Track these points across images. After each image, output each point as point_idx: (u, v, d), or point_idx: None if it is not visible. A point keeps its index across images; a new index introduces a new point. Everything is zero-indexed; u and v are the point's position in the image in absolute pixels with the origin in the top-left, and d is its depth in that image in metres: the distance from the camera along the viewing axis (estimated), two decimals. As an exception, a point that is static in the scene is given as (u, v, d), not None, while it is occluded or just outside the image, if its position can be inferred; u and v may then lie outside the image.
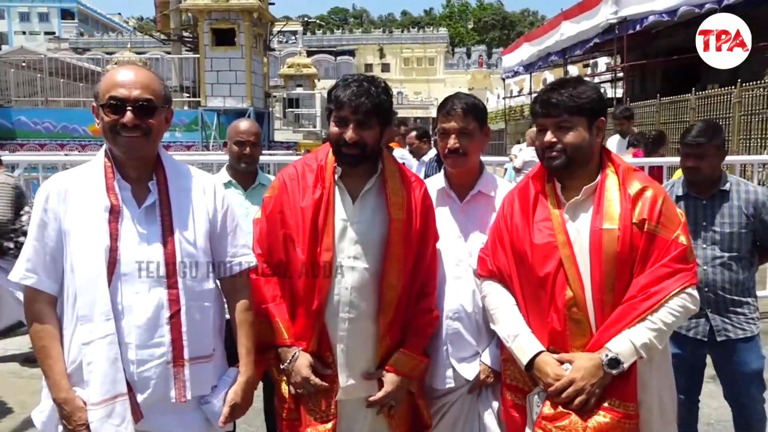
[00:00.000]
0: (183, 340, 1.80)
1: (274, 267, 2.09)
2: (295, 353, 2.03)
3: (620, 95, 16.13)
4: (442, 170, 2.39)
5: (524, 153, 7.89)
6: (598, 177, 1.94)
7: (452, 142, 2.20)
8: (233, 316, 2.00)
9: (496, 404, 2.20)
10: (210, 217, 1.93)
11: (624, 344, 1.79)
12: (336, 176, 2.05)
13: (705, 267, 2.77)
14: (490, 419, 2.20)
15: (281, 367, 2.06)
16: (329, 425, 2.04)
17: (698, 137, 2.80)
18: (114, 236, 1.76)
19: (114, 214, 1.78)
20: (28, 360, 4.57)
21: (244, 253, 2.00)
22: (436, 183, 2.36)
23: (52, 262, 1.80)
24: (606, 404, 1.80)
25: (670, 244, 1.84)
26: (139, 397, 1.78)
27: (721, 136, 2.88)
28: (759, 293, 3.78)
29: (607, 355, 1.79)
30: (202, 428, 1.90)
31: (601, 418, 1.78)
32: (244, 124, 3.18)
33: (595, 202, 1.91)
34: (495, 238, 2.09)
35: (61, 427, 1.81)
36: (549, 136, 1.92)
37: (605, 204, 1.88)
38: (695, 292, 1.88)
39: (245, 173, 3.15)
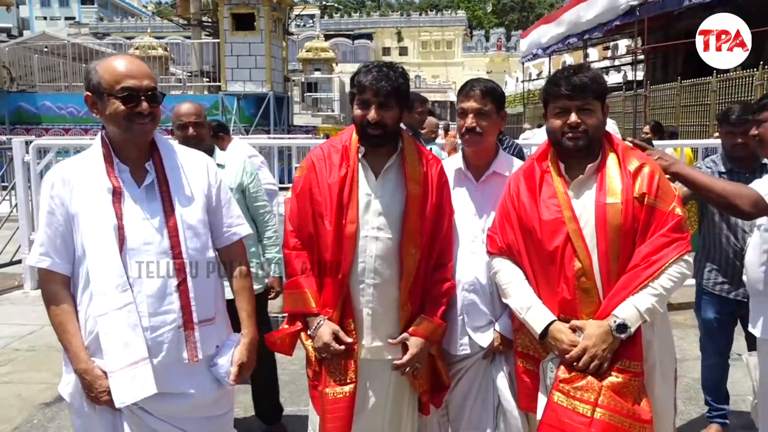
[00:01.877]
0: (191, 305, 1.96)
1: (304, 241, 2.26)
2: (320, 321, 2.20)
3: (641, 78, 15.99)
4: (460, 151, 2.53)
5: (537, 137, 7.97)
6: (599, 156, 2.09)
7: (470, 121, 2.34)
8: (232, 284, 2.17)
9: (507, 369, 2.35)
10: (205, 191, 2.08)
11: (630, 310, 1.95)
12: (360, 155, 2.23)
13: (748, 235, 2.96)
14: (502, 382, 2.36)
15: (308, 332, 2.24)
16: (348, 388, 2.19)
17: (743, 115, 3.10)
18: (119, 215, 1.90)
19: (117, 195, 1.92)
20: None
21: (239, 223, 2.18)
22: (454, 163, 2.50)
23: (63, 245, 1.94)
24: (617, 365, 1.96)
25: (667, 216, 1.99)
26: (154, 361, 1.91)
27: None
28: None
29: (615, 322, 1.94)
30: (212, 388, 2.05)
31: (614, 378, 1.95)
32: (185, 107, 3.20)
33: (598, 180, 2.06)
34: (503, 216, 2.23)
35: (84, 397, 1.95)
36: (574, 117, 2.04)
37: (607, 180, 2.04)
38: (690, 259, 2.04)
39: None
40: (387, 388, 2.29)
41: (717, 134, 7.53)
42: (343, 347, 2.17)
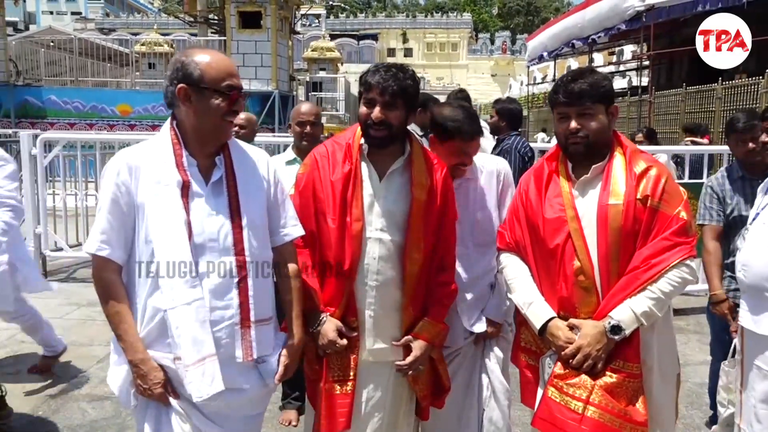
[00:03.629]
0: (249, 303, 1.94)
1: (306, 240, 2.23)
2: (322, 317, 2.18)
3: (646, 83, 15.99)
4: None
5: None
6: (607, 157, 2.11)
7: (465, 166, 2.46)
8: (283, 283, 2.14)
9: (498, 350, 2.48)
10: (266, 189, 2.06)
11: (625, 313, 1.97)
12: (364, 153, 2.22)
13: None
14: (491, 363, 2.47)
15: (310, 330, 2.20)
16: (348, 386, 2.20)
17: (751, 120, 3.13)
18: (186, 210, 1.89)
19: (185, 189, 1.90)
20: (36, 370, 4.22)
21: (293, 224, 2.14)
22: None
23: (123, 234, 1.92)
24: (612, 365, 1.99)
25: (671, 219, 2.00)
26: None
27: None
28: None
29: (609, 323, 1.98)
30: (259, 384, 2.04)
31: (608, 378, 1.98)
32: (304, 107, 3.60)
33: (603, 180, 2.09)
34: (512, 213, 2.29)
35: (133, 390, 1.94)
36: (574, 124, 2.07)
37: (612, 182, 2.06)
38: (693, 264, 2.04)
39: (309, 150, 3.46)
40: (386, 390, 2.29)
41: (686, 140, 7.62)
42: (345, 342, 2.17)
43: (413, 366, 2.23)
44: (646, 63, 16.38)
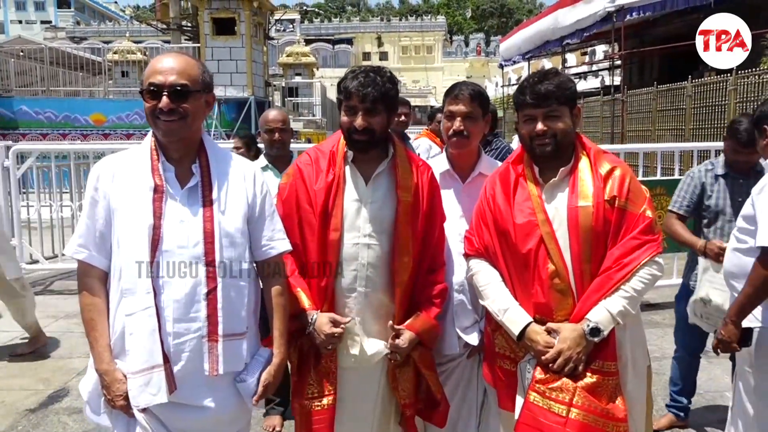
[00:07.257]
0: (218, 316, 1.88)
1: (292, 249, 2.19)
2: (313, 315, 2.14)
3: (618, 82, 16.23)
4: (444, 153, 2.57)
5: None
6: (572, 160, 2.13)
7: (458, 124, 2.39)
8: (268, 299, 2.08)
9: None
10: (249, 201, 2.00)
11: (602, 314, 1.99)
12: (348, 160, 2.21)
13: None
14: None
15: (306, 332, 2.16)
16: (326, 400, 2.16)
17: (752, 133, 3.04)
18: (157, 215, 1.86)
19: (158, 193, 1.87)
20: (15, 354, 4.69)
21: (279, 238, 2.08)
22: (439, 165, 2.53)
23: (101, 239, 1.91)
24: (591, 366, 2.01)
25: (638, 218, 2.04)
26: (174, 369, 1.86)
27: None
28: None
29: (588, 326, 1.99)
30: (233, 403, 1.97)
31: (588, 379, 1.99)
32: (272, 114, 3.55)
33: (570, 183, 2.10)
34: (479, 218, 2.26)
35: (103, 398, 1.92)
36: (540, 126, 2.08)
37: (579, 184, 2.08)
38: (660, 260, 2.09)
39: (279, 157, 3.50)
40: (375, 396, 2.27)
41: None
42: (342, 330, 2.12)
43: (393, 349, 2.19)
44: (618, 62, 16.63)
